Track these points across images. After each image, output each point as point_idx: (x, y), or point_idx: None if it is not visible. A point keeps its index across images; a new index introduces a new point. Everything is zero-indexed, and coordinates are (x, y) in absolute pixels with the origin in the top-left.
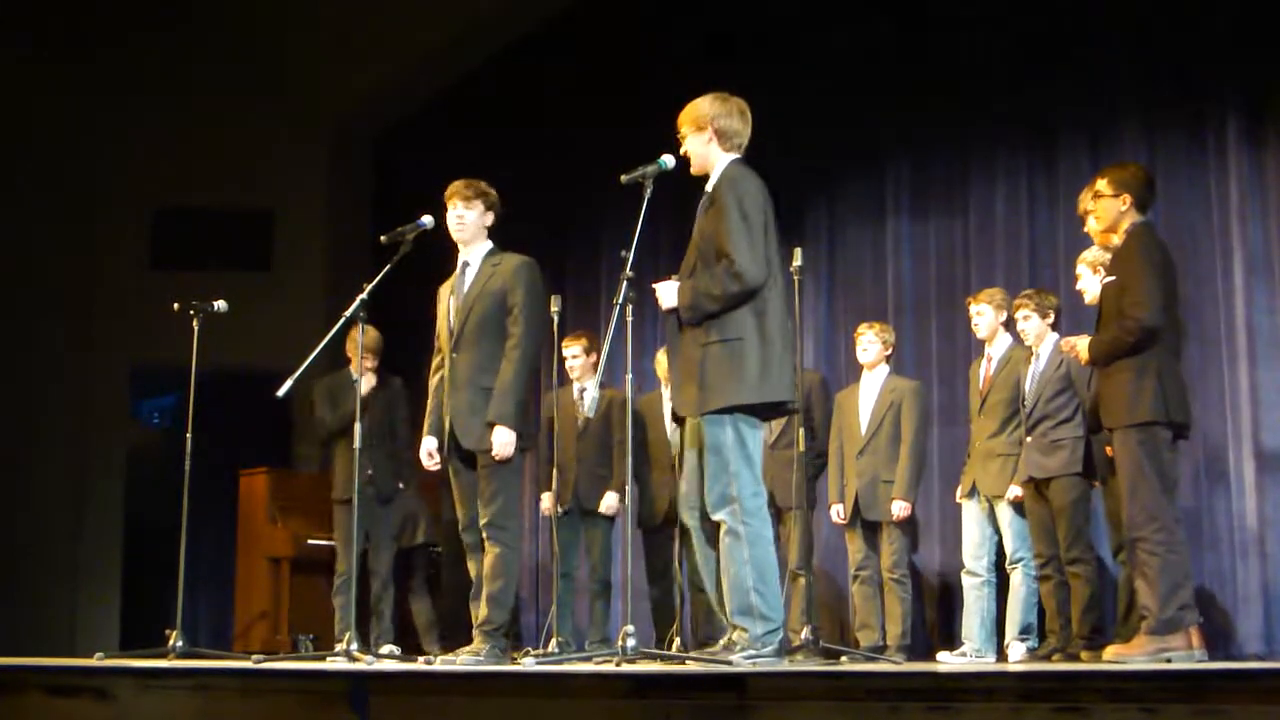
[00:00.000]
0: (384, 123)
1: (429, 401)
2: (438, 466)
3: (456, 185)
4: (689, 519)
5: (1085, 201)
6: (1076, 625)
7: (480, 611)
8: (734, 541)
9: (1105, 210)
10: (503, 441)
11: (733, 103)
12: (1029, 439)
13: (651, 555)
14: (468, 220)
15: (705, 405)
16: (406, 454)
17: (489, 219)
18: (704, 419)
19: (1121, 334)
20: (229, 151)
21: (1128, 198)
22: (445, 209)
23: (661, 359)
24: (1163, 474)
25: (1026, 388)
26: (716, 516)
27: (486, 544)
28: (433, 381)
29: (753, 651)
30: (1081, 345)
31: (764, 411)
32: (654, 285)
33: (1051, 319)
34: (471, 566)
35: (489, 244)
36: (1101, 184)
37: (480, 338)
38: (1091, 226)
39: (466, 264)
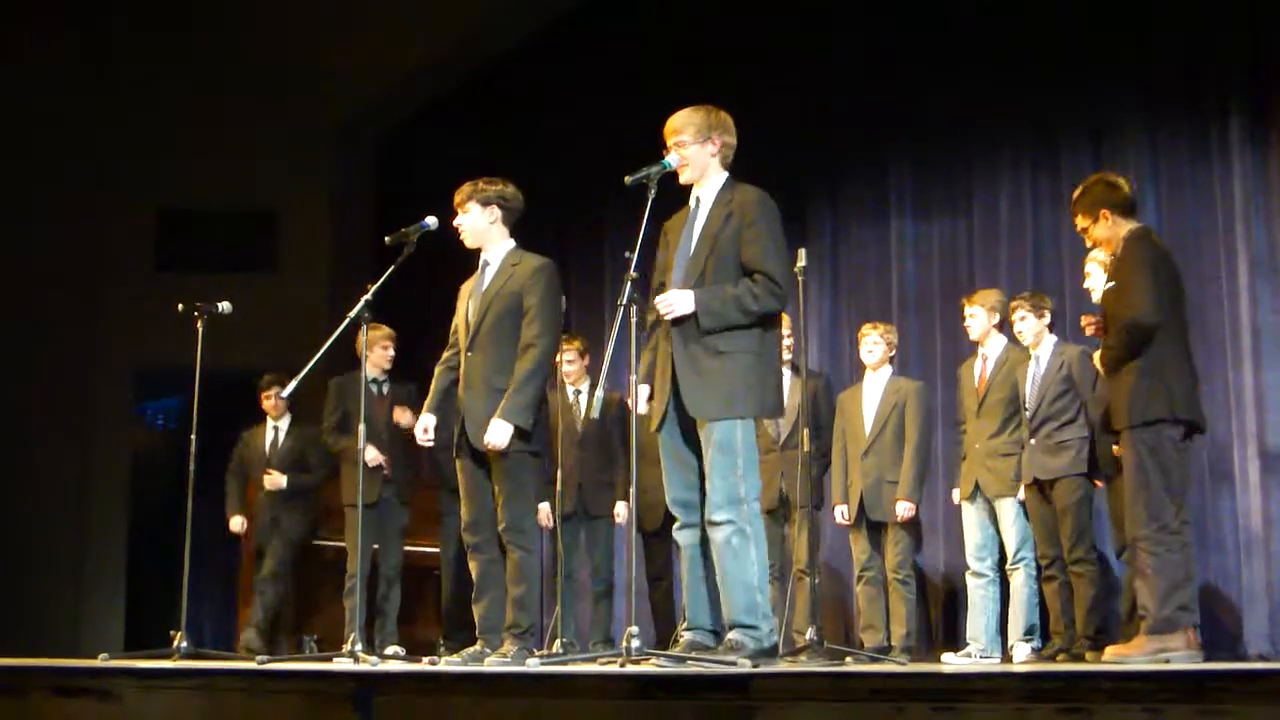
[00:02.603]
0: (388, 123)
1: (432, 384)
2: (430, 442)
3: (457, 193)
4: (684, 517)
5: (1082, 232)
6: (1081, 625)
7: (506, 615)
8: (742, 541)
9: (1099, 235)
10: (497, 433)
11: (727, 117)
12: (1032, 441)
13: (651, 557)
14: (465, 225)
15: (728, 412)
16: (420, 456)
17: (493, 214)
18: (716, 423)
19: (1123, 335)
20: (233, 152)
21: (1106, 213)
22: (449, 209)
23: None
24: (1168, 473)
25: (1027, 390)
26: (721, 516)
27: (506, 548)
28: (439, 369)
29: (759, 649)
30: (1096, 356)
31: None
32: (657, 299)
33: (1048, 319)
34: (473, 565)
35: (510, 243)
36: (1079, 219)
37: (496, 338)
38: (1105, 250)
39: (487, 263)
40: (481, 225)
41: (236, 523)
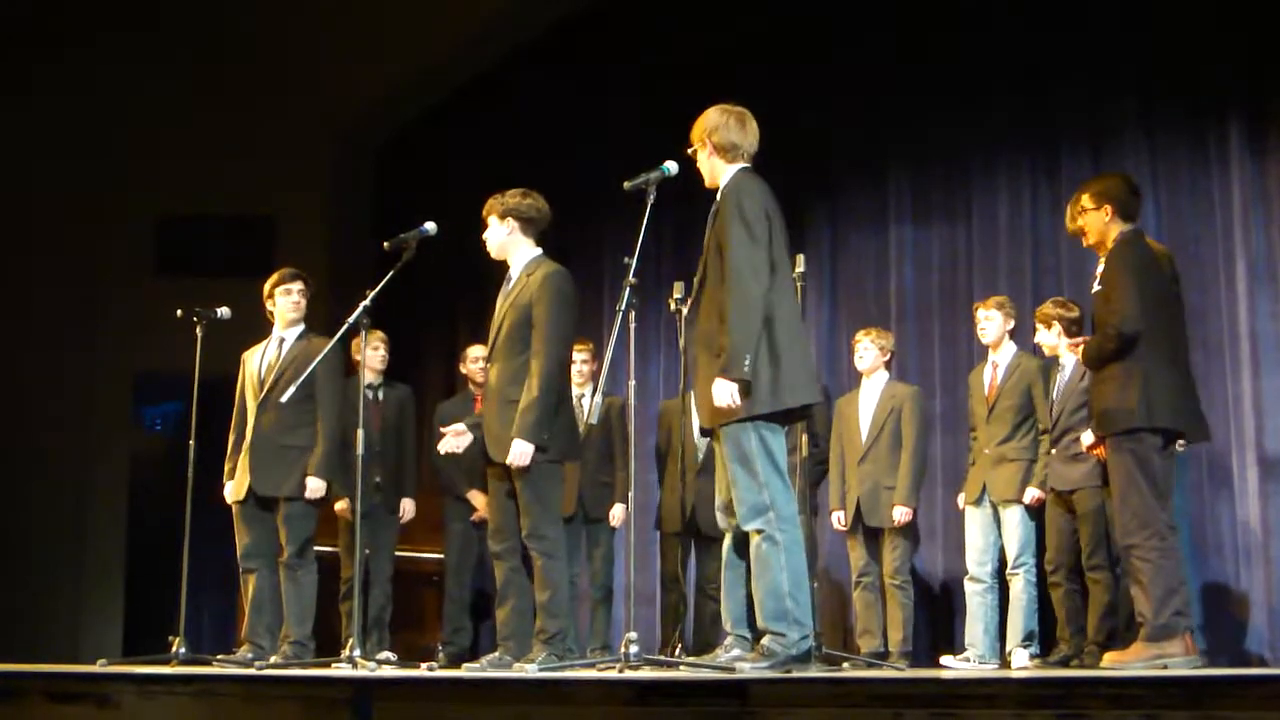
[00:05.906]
0: (387, 129)
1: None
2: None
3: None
4: (724, 524)
5: (1073, 218)
6: (1093, 631)
7: (536, 622)
8: (771, 548)
9: (1092, 224)
10: (518, 453)
11: (731, 114)
12: (1053, 451)
13: (665, 560)
14: (491, 241)
15: (720, 417)
16: (413, 462)
17: (510, 226)
18: (725, 430)
19: (1102, 341)
20: (231, 157)
21: (1109, 209)
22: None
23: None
24: (1153, 480)
25: (1055, 398)
26: (750, 526)
27: (532, 555)
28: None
29: (788, 656)
30: (1080, 349)
31: (783, 417)
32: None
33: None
34: (498, 573)
35: (532, 253)
36: (1084, 199)
37: (509, 350)
38: (1087, 240)
39: (510, 277)
40: (500, 238)
41: (230, 490)
